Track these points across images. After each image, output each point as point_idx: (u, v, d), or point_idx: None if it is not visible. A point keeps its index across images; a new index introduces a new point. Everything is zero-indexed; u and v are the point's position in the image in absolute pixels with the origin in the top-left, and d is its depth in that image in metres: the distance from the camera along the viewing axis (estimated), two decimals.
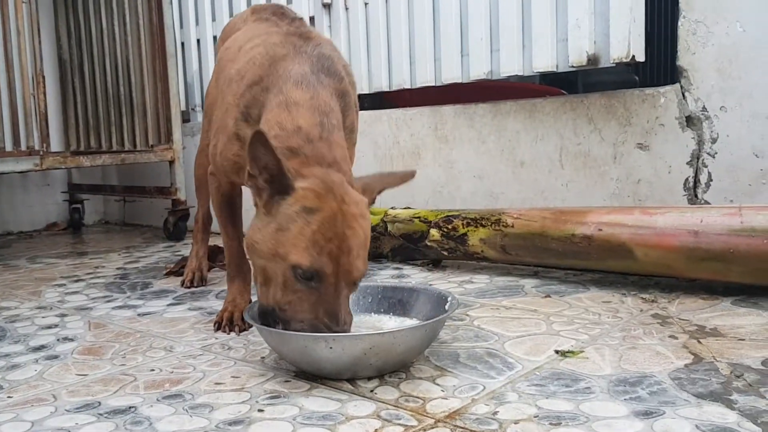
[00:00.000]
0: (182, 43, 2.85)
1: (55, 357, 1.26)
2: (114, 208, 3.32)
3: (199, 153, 1.80)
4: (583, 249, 1.58)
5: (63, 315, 1.58)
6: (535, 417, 0.92)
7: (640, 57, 1.64)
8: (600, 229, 1.55)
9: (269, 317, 1.10)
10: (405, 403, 0.98)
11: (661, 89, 1.68)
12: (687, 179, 1.68)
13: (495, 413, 0.93)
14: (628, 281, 1.61)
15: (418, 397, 1.00)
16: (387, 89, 2.18)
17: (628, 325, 1.29)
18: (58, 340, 1.38)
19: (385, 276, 1.81)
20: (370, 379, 1.07)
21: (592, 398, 0.97)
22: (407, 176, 1.27)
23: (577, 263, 1.63)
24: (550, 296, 1.54)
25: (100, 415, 0.99)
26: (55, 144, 3.09)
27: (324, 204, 1.06)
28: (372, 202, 1.19)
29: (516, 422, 0.90)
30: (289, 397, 1.02)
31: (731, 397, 0.95)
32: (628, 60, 1.61)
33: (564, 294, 1.55)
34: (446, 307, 1.17)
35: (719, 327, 1.26)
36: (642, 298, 1.48)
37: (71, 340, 1.37)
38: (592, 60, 1.66)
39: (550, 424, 0.89)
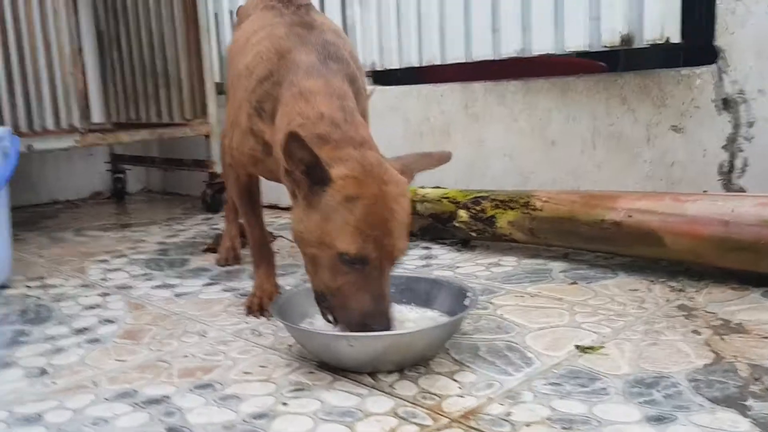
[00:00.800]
0: (215, 15, 2.86)
1: (97, 340, 1.33)
2: (156, 176, 3.40)
3: (223, 136, 1.84)
4: (612, 235, 1.57)
5: (105, 294, 1.65)
6: (547, 419, 0.94)
7: (675, 38, 1.60)
8: (630, 216, 1.54)
9: (322, 304, 1.15)
10: (422, 401, 1.01)
11: (697, 70, 1.64)
12: (722, 163, 1.65)
13: (509, 414, 0.96)
14: (658, 266, 1.60)
15: (435, 394, 1.03)
16: (417, 65, 2.17)
17: (652, 318, 1.30)
18: (99, 321, 1.45)
19: (414, 256, 1.84)
20: (390, 372, 1.11)
21: (606, 400, 0.99)
22: (444, 158, 1.30)
23: (606, 248, 1.63)
24: (576, 283, 1.54)
25: (136, 404, 1.05)
26: (97, 115, 3.17)
27: (364, 190, 1.09)
28: (411, 181, 1.21)
29: (528, 425, 0.93)
30: (312, 390, 1.06)
31: (746, 403, 0.96)
32: (663, 41, 1.58)
33: (591, 280, 1.55)
34: (466, 302, 1.19)
35: (744, 322, 1.25)
36: (670, 287, 1.48)
37: (112, 322, 1.44)
38: (626, 40, 1.63)
39: (562, 428, 0.92)
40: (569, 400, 0.99)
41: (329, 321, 1.15)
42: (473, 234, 1.85)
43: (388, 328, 1.07)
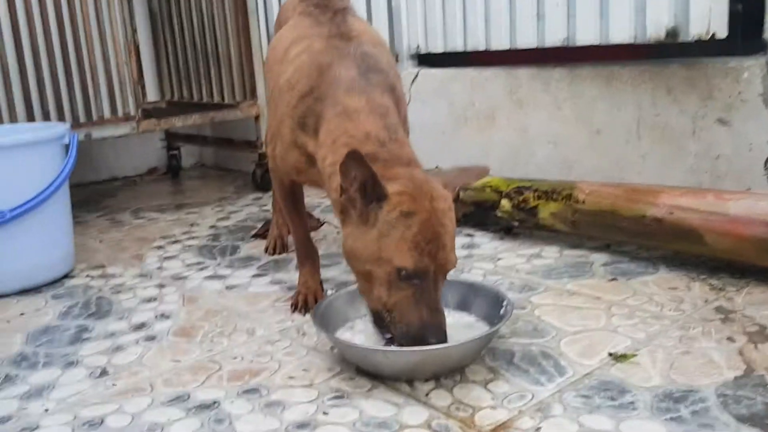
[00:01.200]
0: None
1: (153, 338, 1.42)
2: (209, 152, 3.49)
3: (267, 131, 1.88)
4: (653, 230, 1.57)
5: (161, 285, 1.74)
6: None
7: (722, 34, 1.56)
8: (671, 212, 1.54)
9: (379, 323, 1.19)
10: (456, 412, 1.06)
11: (745, 63, 1.60)
12: None
13: (538, 429, 1.00)
14: (699, 262, 1.59)
15: (468, 405, 1.08)
16: (462, 50, 2.16)
17: (688, 322, 1.31)
18: (156, 317, 1.53)
19: (456, 245, 1.87)
20: (427, 380, 1.16)
21: (633, 416, 1.02)
22: (482, 173, 1.36)
23: (647, 243, 1.63)
24: (616, 279, 1.56)
25: (189, 410, 1.12)
26: (152, 93, 3.27)
27: (419, 206, 1.14)
28: (453, 195, 1.24)
29: None
30: (351, 398, 1.12)
31: None
32: (708, 37, 1.54)
33: (631, 276, 1.56)
34: (501, 312, 1.22)
35: None
36: (710, 285, 1.48)
37: (167, 317, 1.53)
38: (671, 34, 1.60)
39: None
40: (597, 415, 1.03)
41: (387, 339, 1.19)
42: (516, 223, 1.87)
43: (443, 341, 1.12)
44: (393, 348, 1.12)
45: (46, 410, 1.15)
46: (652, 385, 1.10)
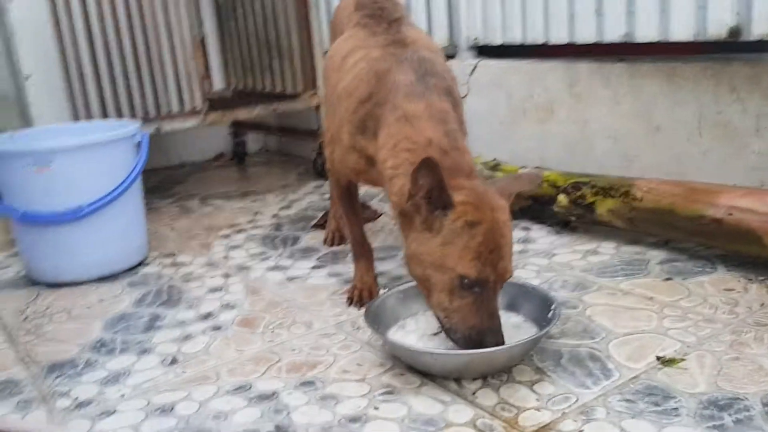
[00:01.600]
0: None
1: (219, 328, 1.51)
2: (273, 138, 3.59)
3: (326, 135, 1.94)
4: (712, 231, 1.56)
5: (227, 275, 1.83)
6: None
7: None
8: (730, 213, 1.52)
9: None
10: (501, 412, 1.10)
11: None
12: None
13: None
14: (759, 263, 1.58)
15: (513, 406, 1.12)
16: (520, 42, 2.16)
17: (741, 326, 1.31)
18: (222, 306, 1.62)
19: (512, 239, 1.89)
20: (474, 379, 1.20)
21: (676, 423, 1.04)
22: (535, 179, 1.39)
23: (705, 243, 1.62)
24: (671, 278, 1.55)
25: (250, 399, 1.20)
26: (218, 82, 3.37)
27: (483, 216, 1.18)
28: (509, 204, 1.27)
29: None
30: (401, 394, 1.18)
31: None
32: None
33: (687, 275, 1.56)
34: (549, 315, 1.25)
35: None
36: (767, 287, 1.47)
37: (232, 307, 1.61)
38: (734, 33, 1.56)
39: None
40: (640, 420, 1.05)
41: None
42: (572, 218, 1.88)
43: (501, 344, 1.16)
44: (441, 350, 1.16)
45: (123, 396, 1.25)
46: (697, 392, 1.11)
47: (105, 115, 2.26)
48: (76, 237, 1.81)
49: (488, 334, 1.17)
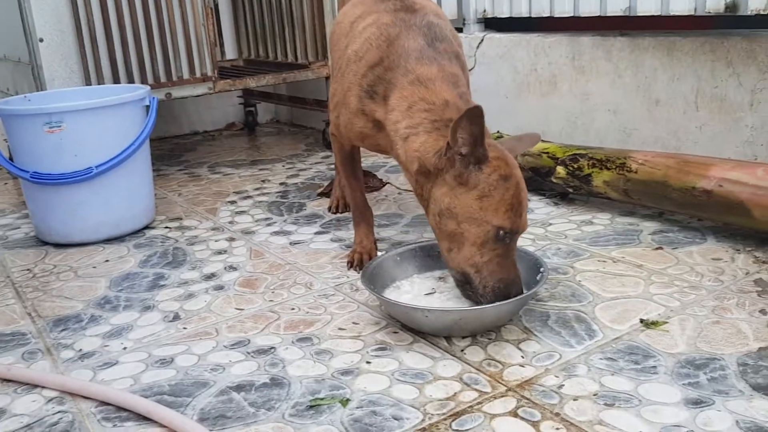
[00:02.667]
0: None
1: (221, 287, 1.56)
2: (284, 109, 3.63)
3: (331, 100, 1.97)
4: (702, 202, 1.59)
5: (231, 239, 1.88)
6: (594, 395, 1.05)
7: None
8: (721, 185, 1.55)
9: (465, 287, 1.28)
10: (486, 368, 1.15)
11: None
12: None
13: (560, 387, 1.08)
14: (749, 234, 1.61)
15: (499, 362, 1.17)
16: (527, 15, 2.18)
17: (724, 293, 1.35)
18: (225, 268, 1.68)
19: None
20: (464, 337, 1.25)
21: (653, 380, 1.08)
22: (534, 140, 1.44)
23: (696, 214, 1.65)
24: (662, 248, 1.59)
25: (248, 353, 1.26)
26: (230, 51, 3.41)
27: (514, 171, 1.25)
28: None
29: (575, 399, 1.05)
30: (393, 350, 1.23)
31: None
32: (766, 12, 1.52)
33: (678, 245, 1.60)
34: (538, 277, 1.29)
35: None
36: (755, 257, 1.50)
37: (235, 269, 1.67)
38: (730, 7, 1.58)
39: (605, 404, 1.03)
40: (619, 377, 1.10)
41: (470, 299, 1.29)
42: (570, 190, 1.92)
43: (521, 293, 1.23)
44: (432, 307, 1.21)
45: (125, 348, 1.31)
46: (676, 352, 1.15)
47: (116, 80, 2.31)
48: (85, 198, 1.86)
49: (513, 284, 1.23)
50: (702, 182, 1.59)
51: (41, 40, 2.19)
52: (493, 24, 2.41)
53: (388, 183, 2.27)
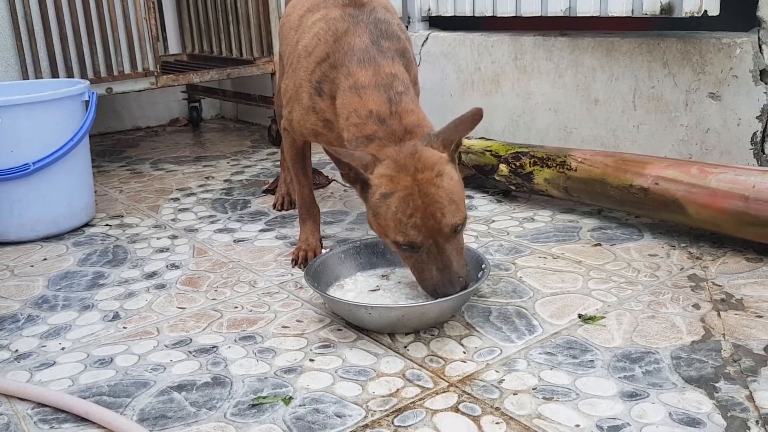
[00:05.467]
0: None
1: (163, 286, 1.54)
2: (228, 105, 3.58)
3: (277, 92, 1.96)
4: (639, 200, 1.64)
5: (174, 237, 1.85)
6: (533, 389, 1.08)
7: (714, 11, 1.59)
8: (657, 183, 1.60)
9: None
10: (429, 364, 1.16)
11: (738, 39, 1.63)
12: (755, 133, 1.66)
13: (501, 381, 1.10)
14: (684, 230, 1.66)
15: (441, 358, 1.18)
16: (470, 14, 2.20)
17: (660, 288, 1.39)
18: (167, 266, 1.65)
19: None
20: (407, 334, 1.26)
21: (590, 373, 1.11)
22: (477, 116, 1.32)
23: (634, 211, 1.70)
24: (600, 244, 1.63)
25: (190, 353, 1.24)
26: (173, 46, 3.35)
27: (396, 185, 1.24)
28: (455, 150, 1.32)
29: (515, 393, 1.07)
30: (337, 347, 1.23)
31: (717, 384, 1.06)
32: (700, 15, 1.57)
33: (615, 241, 1.64)
34: (480, 275, 1.31)
35: (746, 298, 1.33)
36: (689, 253, 1.55)
37: (177, 267, 1.64)
38: (666, 10, 1.63)
39: (544, 398, 1.05)
40: (557, 371, 1.12)
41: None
42: (512, 187, 1.95)
43: (456, 293, 1.23)
44: (375, 304, 1.22)
45: (63, 348, 1.28)
46: (613, 346, 1.19)
47: (54, 74, 2.25)
48: (22, 195, 1.81)
49: (445, 285, 1.23)
50: (639, 180, 1.63)
51: None
52: (437, 22, 2.44)
53: (334, 180, 2.27)
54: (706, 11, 1.58)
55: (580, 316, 1.30)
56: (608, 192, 1.70)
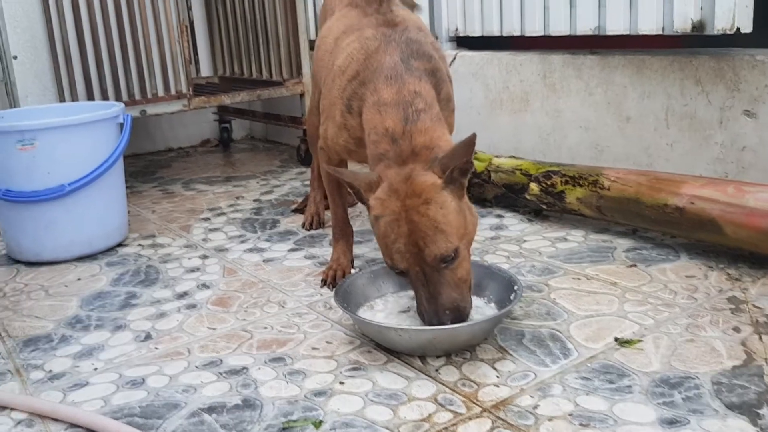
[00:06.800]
0: None
1: (194, 306, 1.54)
2: (258, 125, 3.62)
3: (309, 113, 1.97)
4: (675, 219, 1.61)
5: (204, 256, 1.86)
6: (569, 415, 1.05)
7: (747, 28, 1.56)
8: (692, 203, 1.57)
9: None
10: (461, 388, 1.14)
11: None
12: None
13: (536, 407, 1.08)
14: (722, 250, 1.62)
15: (474, 382, 1.16)
16: (498, 34, 2.20)
17: (698, 311, 1.36)
18: (198, 286, 1.66)
19: (485, 226, 1.93)
20: (439, 357, 1.24)
21: (628, 399, 1.08)
22: (470, 144, 1.24)
23: (669, 231, 1.67)
24: (635, 265, 1.60)
25: (220, 374, 1.24)
26: (205, 68, 3.39)
27: (385, 209, 1.24)
28: (459, 176, 1.26)
29: (550, 419, 1.04)
30: (367, 370, 1.22)
31: (760, 411, 1.03)
32: (733, 32, 1.55)
33: (651, 262, 1.61)
34: (512, 297, 1.29)
35: None
36: (727, 274, 1.51)
37: (208, 287, 1.65)
38: (697, 27, 1.60)
39: (580, 424, 1.03)
40: (594, 396, 1.09)
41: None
42: (544, 207, 1.93)
43: (442, 323, 1.19)
44: (406, 326, 1.20)
45: (95, 369, 1.29)
46: (651, 371, 1.16)
47: (90, 97, 2.29)
48: (57, 216, 1.83)
49: (430, 315, 1.21)
50: (674, 199, 1.60)
51: (15, 58, 2.16)
52: (465, 42, 2.43)
53: None
54: (738, 28, 1.56)
55: (616, 339, 1.27)
56: (642, 211, 1.67)
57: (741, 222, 1.49)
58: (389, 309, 1.38)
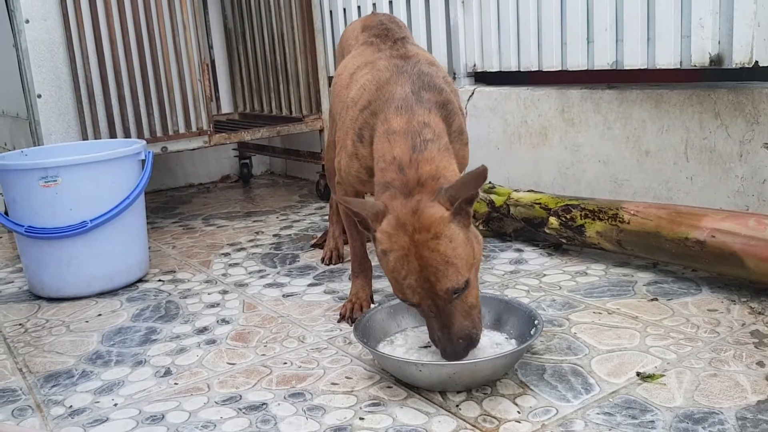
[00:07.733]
0: (330, 12, 3.01)
1: (213, 342, 1.55)
2: (278, 161, 3.66)
3: (327, 147, 1.99)
4: (695, 253, 1.60)
5: (224, 292, 1.87)
6: None
7: (765, 61, 1.56)
8: (713, 236, 1.56)
9: None
10: (482, 424, 1.13)
11: None
12: None
13: None
14: (743, 284, 1.61)
15: (495, 418, 1.15)
16: (516, 69, 2.22)
17: (721, 345, 1.34)
18: (217, 321, 1.66)
19: (504, 260, 1.93)
20: (459, 392, 1.23)
21: None
22: (481, 177, 1.23)
23: (690, 265, 1.65)
24: (657, 299, 1.59)
25: (239, 410, 1.24)
26: (226, 105, 3.45)
27: (393, 244, 1.22)
28: (465, 207, 1.24)
29: None
30: (387, 406, 1.21)
31: None
32: (751, 65, 1.55)
33: (672, 296, 1.59)
34: (533, 331, 1.28)
35: None
36: (750, 308, 1.49)
37: (227, 322, 1.65)
38: (715, 61, 1.61)
39: None
40: None
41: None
42: (563, 240, 1.92)
43: (455, 358, 1.19)
44: (426, 361, 1.20)
45: (115, 405, 1.29)
46: (674, 406, 1.14)
47: (112, 134, 2.33)
48: (79, 251, 1.86)
49: (444, 344, 1.21)
50: (694, 233, 1.59)
51: (39, 96, 2.21)
52: (483, 78, 2.46)
53: None
54: (757, 62, 1.56)
55: (638, 374, 1.25)
56: (663, 245, 1.66)
57: (763, 255, 1.47)
58: (409, 344, 1.37)
